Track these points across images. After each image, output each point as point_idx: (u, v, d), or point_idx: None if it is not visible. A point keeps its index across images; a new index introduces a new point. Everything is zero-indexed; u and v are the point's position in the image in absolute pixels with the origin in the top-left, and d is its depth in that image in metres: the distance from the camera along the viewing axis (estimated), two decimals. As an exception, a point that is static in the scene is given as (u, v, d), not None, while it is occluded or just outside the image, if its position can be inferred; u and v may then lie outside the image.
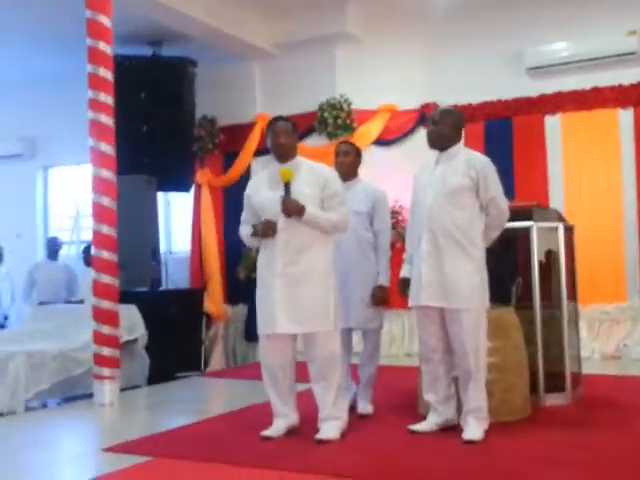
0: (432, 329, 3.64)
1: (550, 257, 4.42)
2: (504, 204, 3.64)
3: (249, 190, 3.74)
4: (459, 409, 3.67)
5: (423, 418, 3.78)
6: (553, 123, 6.77)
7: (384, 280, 4.10)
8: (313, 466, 3.19)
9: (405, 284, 3.76)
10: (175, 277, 7.57)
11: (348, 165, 4.19)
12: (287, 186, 3.51)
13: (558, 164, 6.74)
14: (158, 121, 7.17)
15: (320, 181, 3.60)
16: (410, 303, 3.71)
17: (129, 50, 7.14)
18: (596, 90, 6.59)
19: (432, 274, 3.56)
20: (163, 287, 7.17)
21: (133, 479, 3.21)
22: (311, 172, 3.62)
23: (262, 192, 3.64)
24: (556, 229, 4.37)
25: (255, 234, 3.61)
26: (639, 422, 3.83)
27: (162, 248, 7.51)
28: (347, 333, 4.13)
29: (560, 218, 4.53)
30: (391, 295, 4.18)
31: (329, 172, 3.70)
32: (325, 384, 3.57)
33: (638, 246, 6.43)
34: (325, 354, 3.55)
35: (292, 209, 3.49)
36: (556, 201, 6.57)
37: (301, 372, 3.73)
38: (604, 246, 6.49)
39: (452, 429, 3.66)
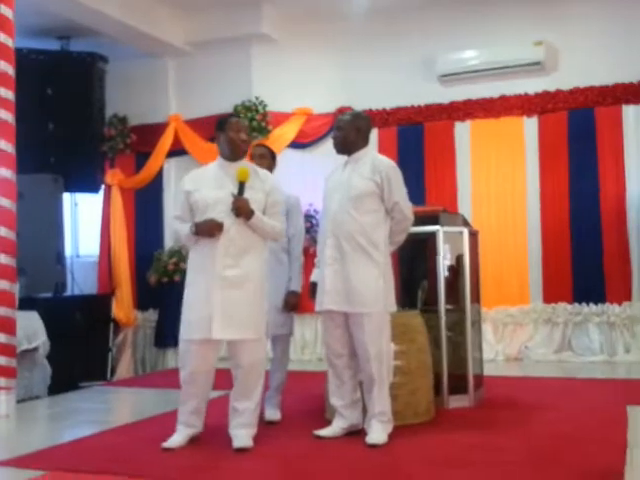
0: (337, 333, 3.64)
1: (461, 261, 4.51)
2: (408, 209, 3.68)
3: (188, 186, 3.57)
4: (364, 413, 3.68)
5: (330, 423, 3.77)
6: (463, 129, 6.94)
7: (296, 286, 4.09)
8: (222, 476, 3.11)
9: (314, 288, 3.76)
10: (82, 282, 7.30)
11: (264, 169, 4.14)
12: (242, 186, 3.43)
13: (467, 170, 6.90)
14: (66, 119, 6.92)
15: (266, 187, 3.56)
16: (316, 307, 3.70)
17: (36, 44, 6.87)
18: (503, 98, 6.80)
19: (336, 279, 3.57)
20: (69, 292, 6.90)
21: (23, 495, 3.06)
22: (257, 177, 3.56)
23: (205, 190, 3.51)
24: (461, 234, 4.46)
25: (197, 233, 3.45)
26: (536, 422, 3.95)
27: (68, 252, 7.23)
28: None
29: (465, 223, 4.63)
30: (303, 300, 4.17)
31: (273, 179, 3.66)
32: (249, 392, 3.51)
33: (541, 251, 6.66)
34: (253, 362, 3.49)
35: (243, 210, 3.41)
36: (464, 206, 6.74)
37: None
38: (509, 250, 6.70)
39: (357, 433, 3.66)
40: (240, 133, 3.54)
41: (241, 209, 3.41)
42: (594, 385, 5.22)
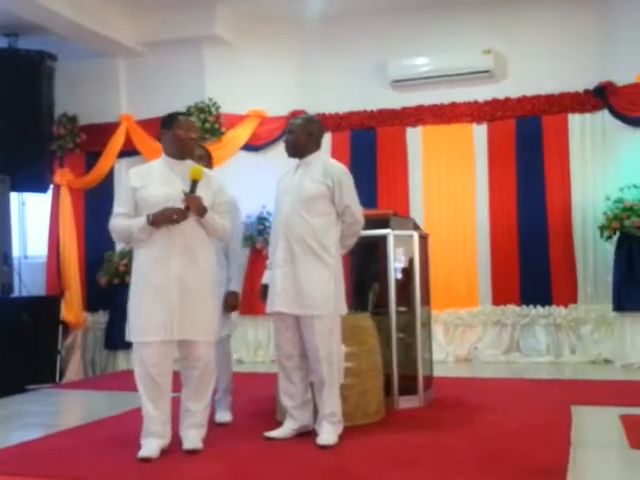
0: (288, 335, 3.66)
1: (413, 264, 4.58)
2: (359, 213, 3.72)
3: (135, 182, 3.45)
4: (315, 414, 3.71)
5: (281, 424, 3.78)
6: (414, 135, 7.03)
7: (235, 286, 4.08)
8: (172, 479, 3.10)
9: (265, 290, 3.76)
10: (30, 283, 7.14)
11: None
12: (195, 184, 3.39)
13: (418, 174, 7.00)
14: (13, 117, 6.76)
15: (213, 187, 3.53)
16: (267, 309, 3.72)
17: (-19, 41, 6.71)
18: (453, 105, 6.92)
19: (286, 281, 3.59)
20: (16, 294, 6.74)
21: (-35, 501, 2.98)
22: (205, 176, 3.50)
23: (153, 187, 3.42)
24: (411, 237, 4.53)
25: (154, 223, 3.34)
26: (484, 422, 4.03)
27: (16, 252, 7.05)
28: None
29: (416, 227, 4.70)
30: (255, 302, 4.18)
31: (219, 179, 3.63)
32: (201, 393, 3.48)
33: (490, 254, 6.79)
34: (208, 362, 3.46)
35: (197, 207, 3.37)
36: (416, 210, 6.84)
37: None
38: (459, 254, 6.82)
39: (308, 434, 3.68)
40: (190, 132, 3.50)
41: (195, 206, 3.38)
42: (540, 386, 5.34)
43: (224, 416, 4.11)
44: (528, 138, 6.72)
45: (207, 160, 4.13)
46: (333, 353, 3.58)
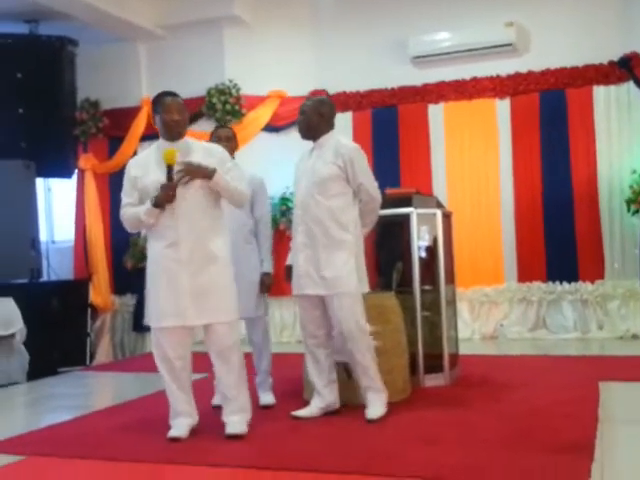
0: (313, 315, 3.70)
1: (437, 242, 4.57)
2: (374, 190, 3.73)
3: (135, 172, 3.43)
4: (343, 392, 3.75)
5: (309, 404, 3.81)
6: (436, 112, 6.96)
7: (268, 267, 4.10)
8: (201, 458, 3.15)
9: (290, 271, 3.81)
10: (58, 268, 7.25)
11: (231, 151, 4.13)
12: (170, 169, 3.30)
13: (441, 152, 6.94)
14: (36, 103, 6.82)
15: (217, 156, 3.45)
16: (293, 291, 3.77)
17: (3, 28, 6.75)
18: (475, 80, 6.83)
19: (308, 264, 3.64)
20: (44, 278, 6.86)
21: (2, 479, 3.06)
22: (204, 149, 3.47)
23: (152, 174, 3.37)
24: (434, 215, 4.51)
25: (157, 204, 3.30)
26: (510, 399, 4.03)
27: (43, 237, 7.17)
28: None
29: (439, 205, 4.67)
30: (282, 282, 4.19)
31: (220, 149, 3.56)
32: (229, 377, 3.42)
33: (514, 231, 6.74)
34: (230, 345, 3.40)
35: (197, 171, 3.28)
36: (439, 188, 6.80)
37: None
38: (484, 231, 6.77)
39: (334, 413, 3.73)
40: (172, 114, 3.37)
41: (194, 171, 3.28)
42: (568, 362, 5.31)
43: (267, 398, 4.09)
44: (552, 112, 6.62)
45: (234, 141, 4.12)
46: (359, 329, 3.61)
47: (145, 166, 3.45)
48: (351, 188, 3.67)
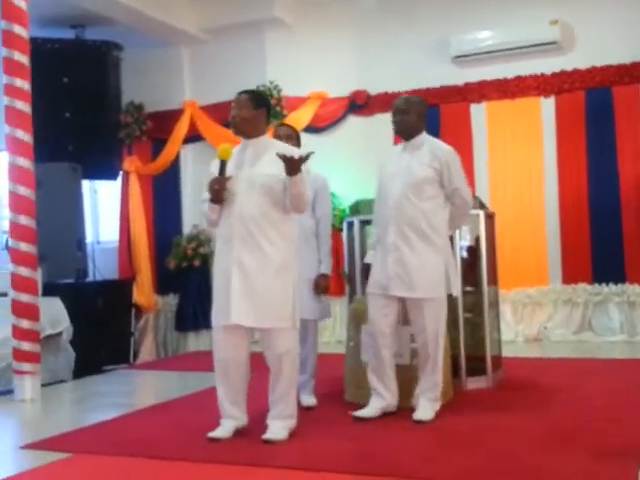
0: (389, 315, 3.68)
1: (479, 243, 4.52)
2: (468, 194, 3.73)
3: (213, 168, 3.43)
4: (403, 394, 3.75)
5: (351, 405, 3.82)
6: (478, 111, 6.89)
7: (325, 269, 4.04)
8: (240, 457, 3.18)
9: (368, 269, 3.82)
10: (103, 268, 7.39)
11: None
12: (223, 164, 3.33)
13: (483, 152, 6.87)
14: (82, 107, 6.96)
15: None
16: (370, 289, 3.74)
17: (50, 33, 6.90)
18: (519, 79, 6.74)
19: (398, 266, 3.61)
20: (90, 278, 7.00)
21: (51, 476, 3.12)
22: (277, 151, 3.36)
23: (229, 170, 3.39)
24: (477, 216, 4.46)
25: (211, 200, 3.35)
26: (554, 403, 3.96)
27: (89, 238, 7.32)
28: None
29: (481, 205, 4.62)
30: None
31: (297, 153, 3.41)
32: (276, 384, 3.40)
33: (559, 231, 6.63)
34: (280, 352, 3.34)
35: (294, 162, 3.20)
36: (481, 188, 6.71)
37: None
38: (527, 232, 6.67)
39: (392, 414, 3.72)
40: (232, 110, 3.43)
41: (295, 163, 3.20)
42: (614, 365, 5.21)
43: (309, 400, 4.08)
44: (598, 110, 6.49)
45: (296, 140, 4.05)
46: (440, 333, 3.64)
47: (229, 163, 3.45)
48: (444, 191, 3.66)
